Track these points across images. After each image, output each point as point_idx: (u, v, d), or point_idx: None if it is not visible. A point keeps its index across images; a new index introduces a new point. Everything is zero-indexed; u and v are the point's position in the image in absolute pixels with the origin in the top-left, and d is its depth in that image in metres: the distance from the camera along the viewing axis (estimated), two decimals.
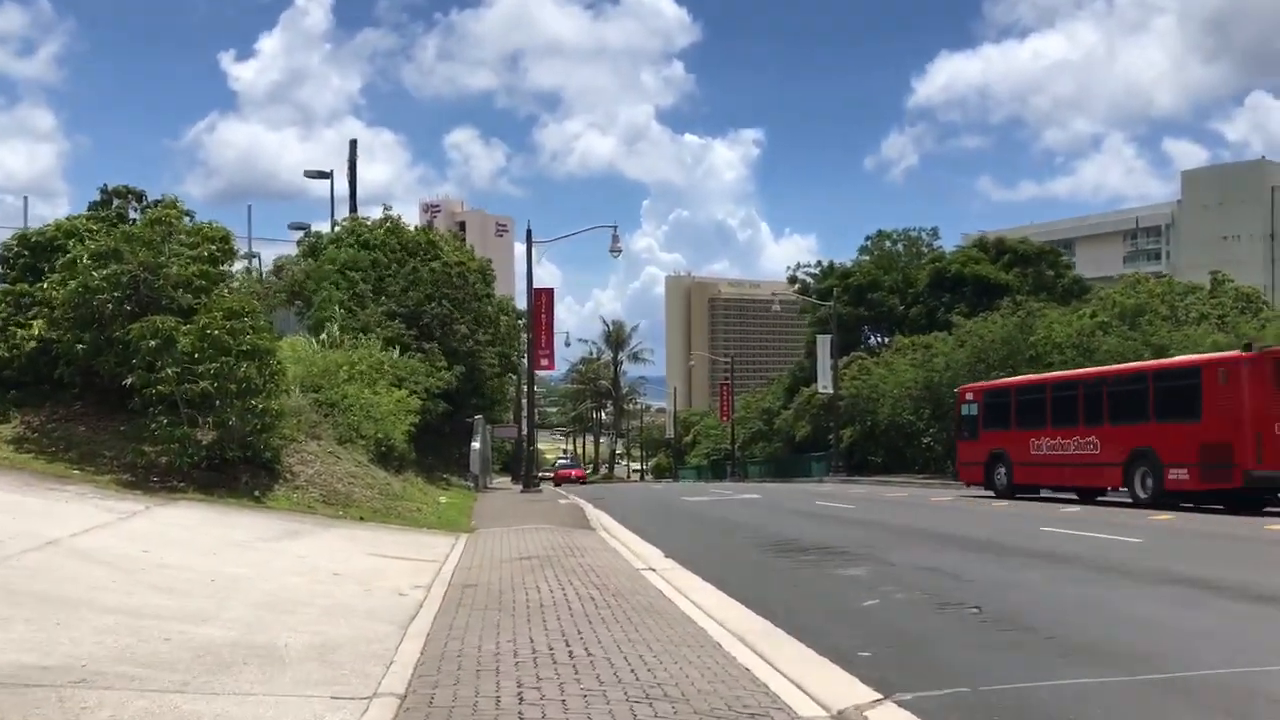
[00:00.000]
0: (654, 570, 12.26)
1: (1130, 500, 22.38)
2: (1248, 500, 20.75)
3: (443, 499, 25.60)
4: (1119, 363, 29.48)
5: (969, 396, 29.19)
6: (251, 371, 16.56)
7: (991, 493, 26.63)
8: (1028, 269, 58.43)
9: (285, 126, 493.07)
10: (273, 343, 17.77)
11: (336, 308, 30.69)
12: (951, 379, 39.32)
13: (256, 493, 16.50)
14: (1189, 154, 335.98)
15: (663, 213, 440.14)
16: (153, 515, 13.20)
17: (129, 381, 15.80)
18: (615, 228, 33.41)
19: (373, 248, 34.36)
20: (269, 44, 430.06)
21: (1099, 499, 24.32)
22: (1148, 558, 12.85)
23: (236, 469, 16.75)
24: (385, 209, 36.68)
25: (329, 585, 10.00)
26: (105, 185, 23.36)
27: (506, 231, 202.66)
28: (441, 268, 33.05)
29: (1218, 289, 37.67)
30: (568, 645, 7.11)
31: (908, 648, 7.58)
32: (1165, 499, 21.66)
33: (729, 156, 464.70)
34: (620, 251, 33.74)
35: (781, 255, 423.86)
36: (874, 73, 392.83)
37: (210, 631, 7.25)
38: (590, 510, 23.47)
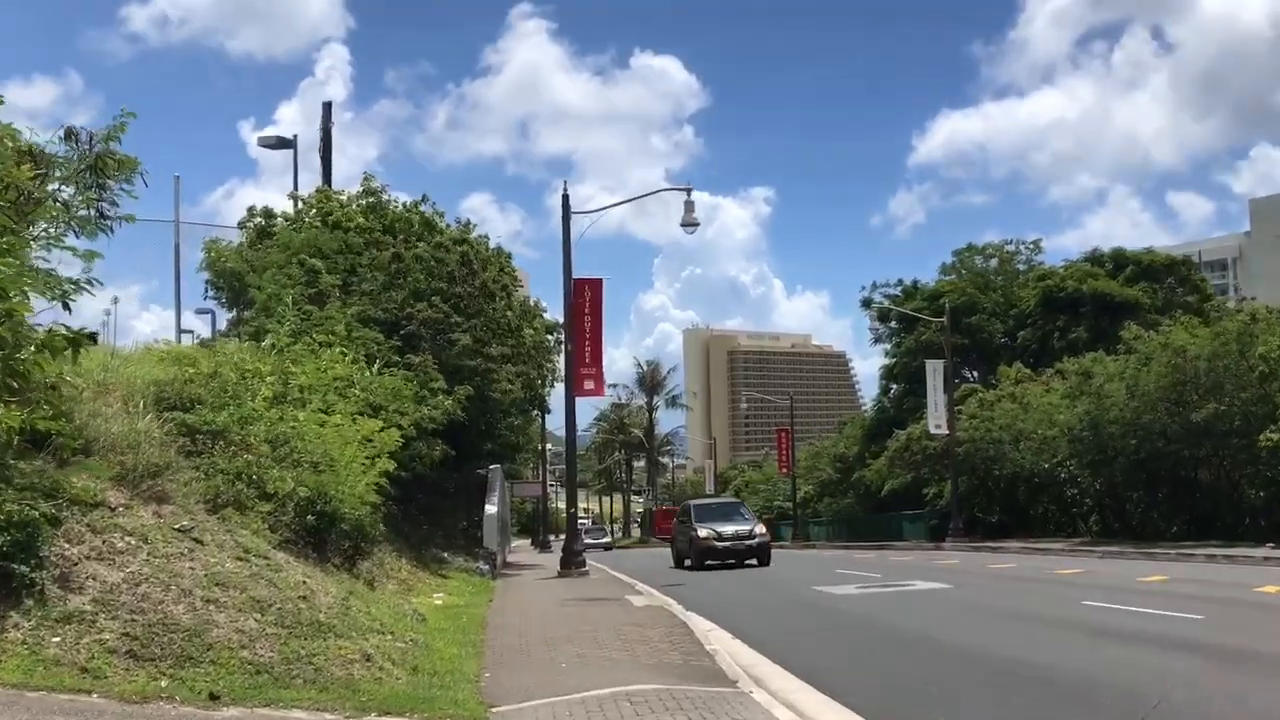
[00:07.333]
0: None
1: None
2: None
3: (437, 600, 15.32)
4: None
5: None
6: None
7: None
8: (1156, 284, 48.37)
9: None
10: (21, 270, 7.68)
11: (289, 306, 20.65)
12: (1136, 411, 28.91)
13: None
14: (1194, 205, 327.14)
15: (675, 270, 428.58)
16: None
17: None
18: (689, 189, 23.14)
19: (345, 229, 24.37)
20: (287, 112, 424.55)
21: None
22: None
23: None
24: (366, 179, 26.61)
25: None
26: None
27: (523, 286, 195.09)
28: (432, 250, 22.86)
29: None
30: None
31: None
32: None
33: (740, 215, 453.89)
34: (696, 225, 23.38)
35: (794, 311, 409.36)
36: (878, 132, 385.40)
37: None
38: (694, 622, 13.18)
